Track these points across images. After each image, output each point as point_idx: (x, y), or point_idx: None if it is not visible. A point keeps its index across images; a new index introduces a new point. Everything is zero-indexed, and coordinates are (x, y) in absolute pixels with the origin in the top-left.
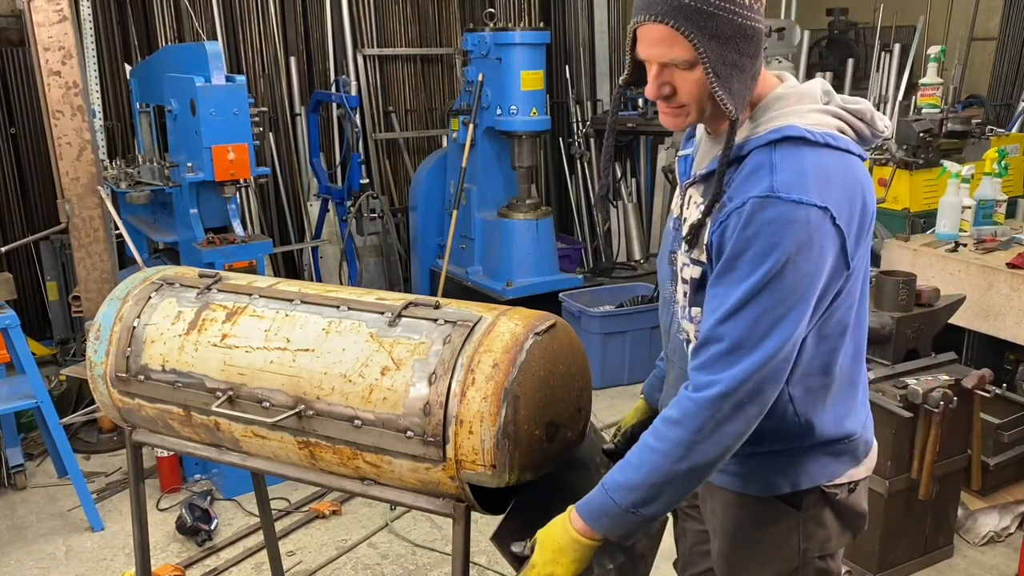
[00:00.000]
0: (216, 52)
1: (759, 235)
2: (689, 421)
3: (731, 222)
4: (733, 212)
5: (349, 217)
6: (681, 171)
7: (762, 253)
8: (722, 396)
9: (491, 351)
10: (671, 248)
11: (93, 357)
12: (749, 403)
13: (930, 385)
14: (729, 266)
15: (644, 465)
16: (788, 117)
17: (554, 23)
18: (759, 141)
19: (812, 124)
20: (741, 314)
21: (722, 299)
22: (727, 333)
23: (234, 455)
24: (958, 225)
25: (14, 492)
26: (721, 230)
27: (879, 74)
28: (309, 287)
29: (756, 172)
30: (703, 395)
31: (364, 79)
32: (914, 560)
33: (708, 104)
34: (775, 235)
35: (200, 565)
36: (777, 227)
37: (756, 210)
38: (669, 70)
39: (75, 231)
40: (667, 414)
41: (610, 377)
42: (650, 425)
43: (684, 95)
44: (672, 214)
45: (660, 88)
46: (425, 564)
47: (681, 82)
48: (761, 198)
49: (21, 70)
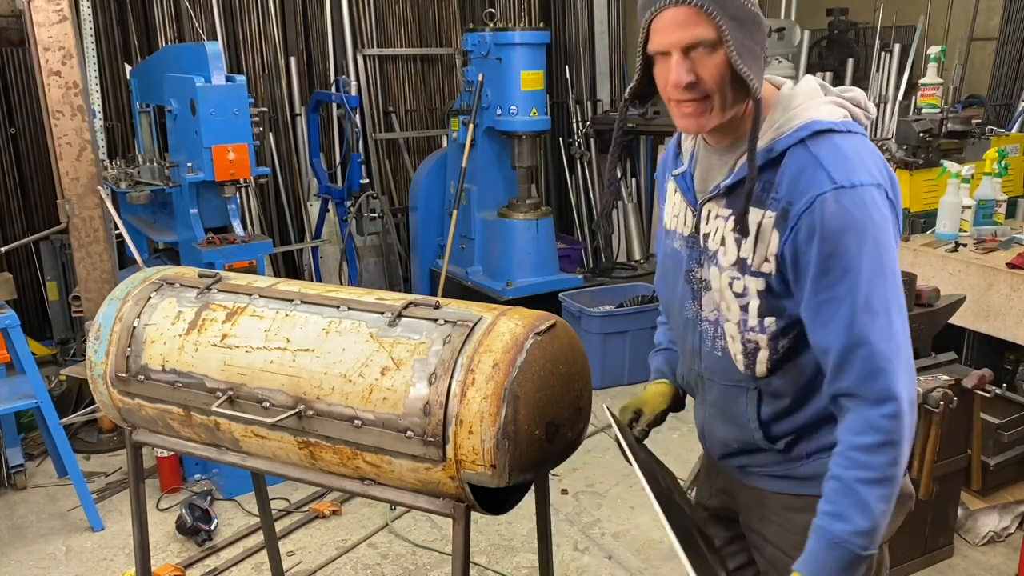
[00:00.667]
0: (216, 52)
1: (847, 227)
2: (896, 437)
3: (803, 224)
4: (803, 215)
5: (349, 217)
6: (684, 189)
7: (858, 242)
8: (909, 400)
9: (491, 351)
10: (688, 267)
11: (93, 357)
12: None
13: (930, 385)
14: (826, 267)
15: (869, 503)
16: (806, 113)
17: (554, 23)
18: (789, 140)
19: (828, 115)
20: (871, 310)
21: (839, 303)
22: (868, 334)
23: (234, 455)
24: (958, 225)
25: (14, 492)
26: (794, 236)
27: (879, 74)
28: (309, 287)
29: (804, 171)
30: (893, 407)
31: (364, 79)
32: (914, 560)
33: (729, 93)
34: (856, 223)
35: (200, 565)
36: (855, 215)
37: (828, 205)
38: (691, 57)
39: (75, 231)
40: (863, 442)
41: (610, 377)
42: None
43: (708, 81)
44: (674, 233)
45: (685, 75)
46: (425, 564)
47: (704, 68)
48: (829, 192)
49: (21, 70)
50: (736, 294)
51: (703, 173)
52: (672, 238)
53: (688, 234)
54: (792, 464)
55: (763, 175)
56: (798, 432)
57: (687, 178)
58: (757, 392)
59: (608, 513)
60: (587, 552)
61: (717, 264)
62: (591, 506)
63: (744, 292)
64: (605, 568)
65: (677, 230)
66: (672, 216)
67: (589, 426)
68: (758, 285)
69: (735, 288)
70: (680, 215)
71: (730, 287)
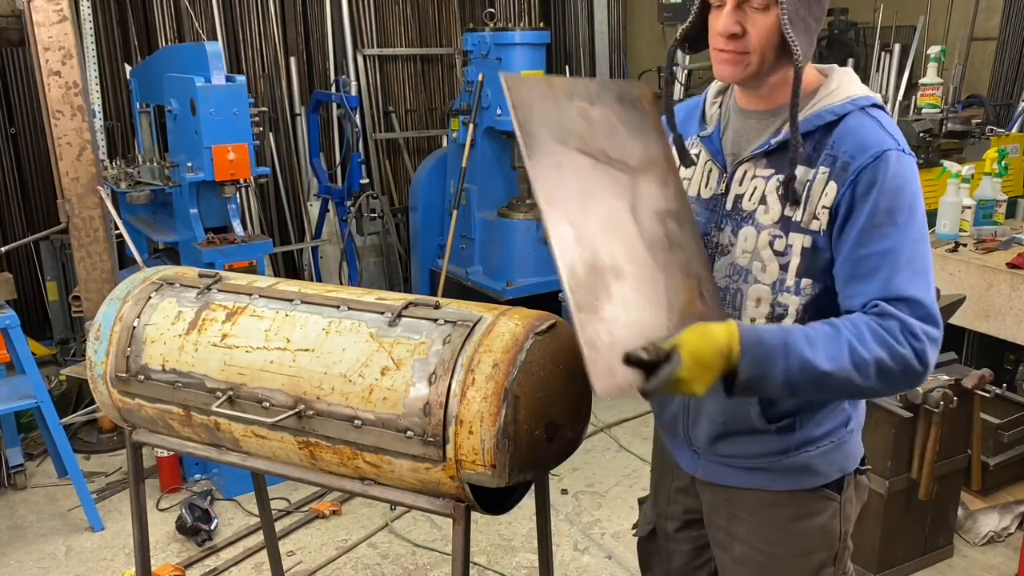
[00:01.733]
0: (216, 52)
1: (906, 185)
2: (892, 356)
3: (865, 177)
4: (866, 168)
5: (349, 217)
6: (713, 151)
7: (911, 204)
8: (931, 355)
9: (491, 351)
10: (704, 231)
11: (93, 357)
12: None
13: (930, 385)
14: (877, 221)
15: (835, 359)
16: (860, 89)
17: (554, 23)
18: (848, 107)
19: (874, 96)
20: (913, 268)
21: (889, 255)
22: (908, 290)
23: (234, 455)
24: (958, 225)
25: (14, 492)
26: (852, 188)
27: (879, 74)
28: (309, 287)
29: (866, 131)
30: (918, 346)
31: (364, 79)
32: (914, 560)
33: (771, 55)
34: (912, 185)
35: (200, 565)
36: (913, 177)
37: (898, 161)
38: (743, 10)
39: (75, 231)
40: (887, 338)
41: None
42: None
43: (754, 38)
44: (696, 196)
45: (732, 25)
46: (425, 564)
47: (753, 24)
48: (893, 151)
49: (21, 70)
50: (777, 252)
51: (735, 135)
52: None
53: (709, 196)
54: (777, 456)
55: (813, 138)
56: (796, 414)
57: (715, 140)
58: None
59: (608, 513)
60: (587, 552)
61: (754, 223)
62: (591, 506)
63: (786, 251)
64: (605, 568)
65: (690, 194)
66: (699, 175)
67: (589, 426)
68: (804, 242)
69: (776, 247)
70: (698, 177)
71: (771, 245)
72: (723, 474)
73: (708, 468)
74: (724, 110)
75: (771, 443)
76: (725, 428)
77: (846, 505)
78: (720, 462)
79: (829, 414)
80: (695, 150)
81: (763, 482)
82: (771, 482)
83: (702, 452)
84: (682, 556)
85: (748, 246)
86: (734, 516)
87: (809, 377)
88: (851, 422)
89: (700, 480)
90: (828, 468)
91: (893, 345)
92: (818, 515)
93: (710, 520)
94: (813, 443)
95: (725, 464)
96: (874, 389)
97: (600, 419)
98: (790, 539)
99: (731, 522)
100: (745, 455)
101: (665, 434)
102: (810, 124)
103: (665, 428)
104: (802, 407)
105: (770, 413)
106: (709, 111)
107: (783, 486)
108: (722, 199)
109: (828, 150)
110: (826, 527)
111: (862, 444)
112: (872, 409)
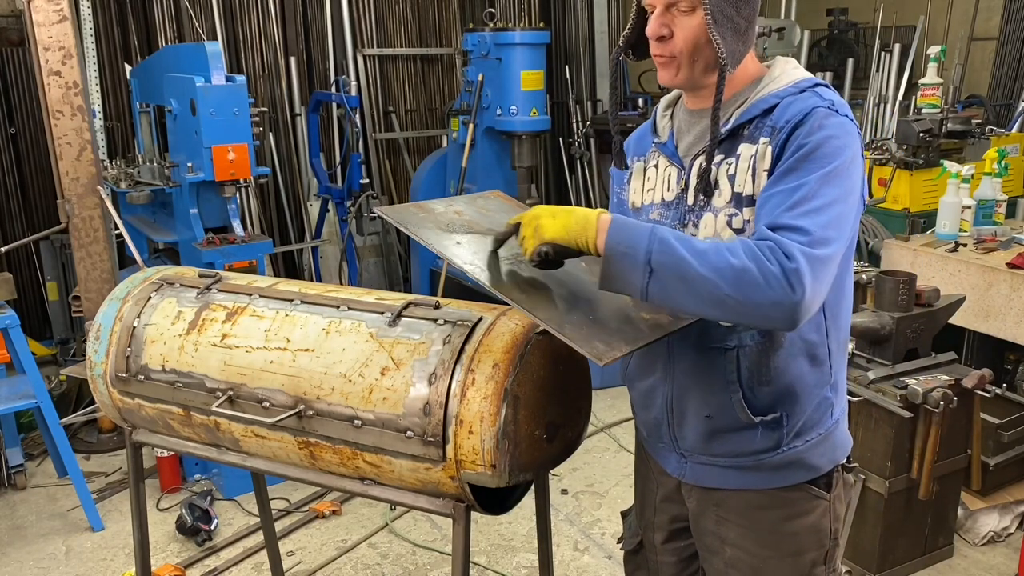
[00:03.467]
0: (216, 52)
1: (831, 137)
2: (760, 268)
3: (794, 132)
4: (797, 125)
5: (349, 217)
6: (669, 154)
7: (833, 152)
8: (806, 275)
9: (491, 351)
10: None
11: (93, 357)
12: (811, 303)
13: (930, 385)
14: (795, 165)
15: (699, 255)
16: (803, 75)
17: (554, 23)
18: (792, 89)
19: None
20: (815, 207)
21: (791, 192)
22: (804, 222)
23: (234, 455)
24: (958, 225)
25: (14, 492)
26: (782, 145)
27: (879, 74)
28: (309, 287)
29: (803, 100)
30: (789, 265)
31: (364, 79)
32: (914, 560)
33: (699, 57)
34: (843, 138)
35: (200, 565)
36: (842, 133)
37: (826, 116)
38: (671, 13)
39: (75, 231)
40: (754, 250)
41: (610, 377)
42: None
43: (679, 40)
44: (649, 207)
45: (659, 28)
46: (425, 564)
47: (679, 27)
48: (824, 108)
49: (21, 70)
50: (736, 229)
51: (688, 137)
52: (647, 212)
53: (672, 198)
54: (767, 453)
55: (755, 120)
56: (781, 406)
57: (670, 145)
58: (736, 352)
59: (608, 513)
60: (587, 552)
61: (711, 209)
62: (591, 506)
63: (744, 226)
64: (605, 568)
65: (654, 202)
66: (647, 191)
67: (589, 426)
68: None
69: (734, 224)
70: (659, 184)
71: (729, 225)
72: (711, 476)
73: (695, 471)
74: (675, 119)
75: (760, 440)
76: (712, 424)
77: (835, 503)
78: (709, 463)
79: (812, 402)
80: (653, 161)
81: (754, 481)
82: (763, 480)
83: (690, 454)
84: (669, 568)
85: (708, 231)
86: (723, 520)
87: (671, 263)
88: (835, 411)
89: (687, 485)
90: (819, 460)
91: (761, 259)
92: (808, 514)
93: (698, 526)
94: (802, 436)
95: (714, 465)
96: (738, 302)
97: (600, 419)
98: (781, 540)
99: (720, 526)
100: (735, 454)
101: (649, 439)
102: (755, 109)
103: (649, 432)
104: (784, 394)
105: (754, 404)
106: (660, 123)
107: (775, 483)
108: (683, 196)
109: (769, 123)
110: (817, 526)
111: (849, 435)
112: (871, 409)
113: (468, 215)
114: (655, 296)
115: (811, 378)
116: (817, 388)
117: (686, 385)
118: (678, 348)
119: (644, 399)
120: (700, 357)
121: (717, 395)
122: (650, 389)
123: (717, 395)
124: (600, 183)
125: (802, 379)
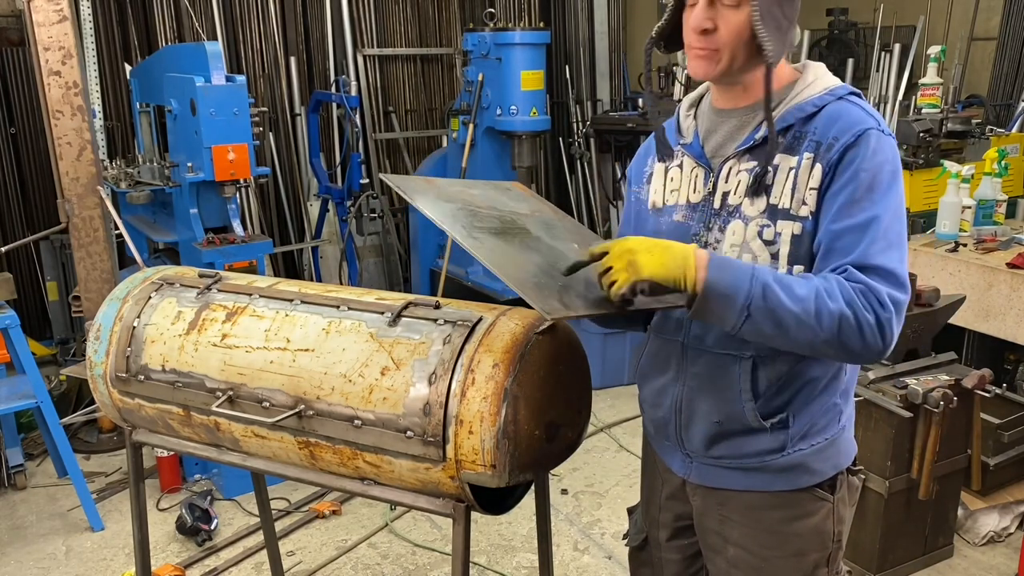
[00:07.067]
0: (216, 52)
1: (886, 162)
2: (856, 315)
3: (847, 156)
4: (849, 147)
5: (349, 217)
6: (696, 155)
7: (890, 181)
8: (895, 326)
9: (491, 351)
10: (694, 232)
11: (93, 357)
12: (892, 348)
13: (930, 385)
14: (861, 196)
15: (800, 303)
16: (836, 81)
17: (554, 23)
18: (827, 97)
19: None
20: (891, 241)
21: (865, 227)
22: (887, 262)
23: (234, 455)
24: (958, 225)
25: (14, 492)
26: (835, 166)
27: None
28: (309, 287)
29: (849, 114)
30: (883, 315)
31: (364, 79)
32: (914, 560)
33: (741, 53)
34: (894, 162)
35: (200, 565)
36: (893, 156)
37: (878, 139)
38: (715, 7)
39: (75, 231)
40: (856, 298)
41: (610, 377)
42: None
43: (724, 34)
44: (673, 208)
45: (704, 21)
46: (425, 564)
47: (724, 21)
48: (875, 130)
49: (21, 70)
50: (766, 241)
51: (716, 137)
52: (670, 213)
53: (698, 200)
54: (772, 455)
55: (793, 128)
56: (790, 408)
57: (696, 146)
58: (752, 360)
59: (608, 513)
60: (587, 552)
61: (741, 216)
62: (591, 506)
63: (775, 239)
64: (605, 568)
65: (678, 203)
66: (669, 191)
67: (589, 426)
68: (794, 229)
69: (765, 236)
70: (684, 185)
71: (759, 236)
72: (716, 477)
73: (701, 471)
74: (699, 118)
75: (766, 441)
76: (720, 428)
77: (839, 505)
78: (714, 464)
79: (821, 407)
80: (677, 161)
81: (759, 483)
82: (767, 483)
83: (695, 455)
84: (674, 566)
85: (736, 239)
86: (727, 519)
87: (770, 307)
88: (843, 417)
89: (691, 484)
90: (823, 466)
91: (858, 306)
92: (812, 516)
93: (701, 524)
94: (807, 440)
95: (719, 466)
96: (830, 344)
97: (600, 419)
98: (784, 540)
99: (723, 525)
100: (740, 455)
101: (655, 438)
102: (791, 116)
103: (656, 430)
104: (794, 399)
105: (764, 410)
106: (684, 124)
107: (779, 486)
108: (710, 199)
109: (812, 136)
110: (820, 528)
111: (855, 441)
112: (871, 409)
113: (476, 194)
114: (746, 334)
115: (824, 383)
116: (828, 394)
117: (698, 389)
118: (693, 350)
119: (654, 397)
120: (716, 361)
121: (730, 403)
122: (661, 388)
123: (730, 403)
124: (600, 183)
125: (815, 384)
